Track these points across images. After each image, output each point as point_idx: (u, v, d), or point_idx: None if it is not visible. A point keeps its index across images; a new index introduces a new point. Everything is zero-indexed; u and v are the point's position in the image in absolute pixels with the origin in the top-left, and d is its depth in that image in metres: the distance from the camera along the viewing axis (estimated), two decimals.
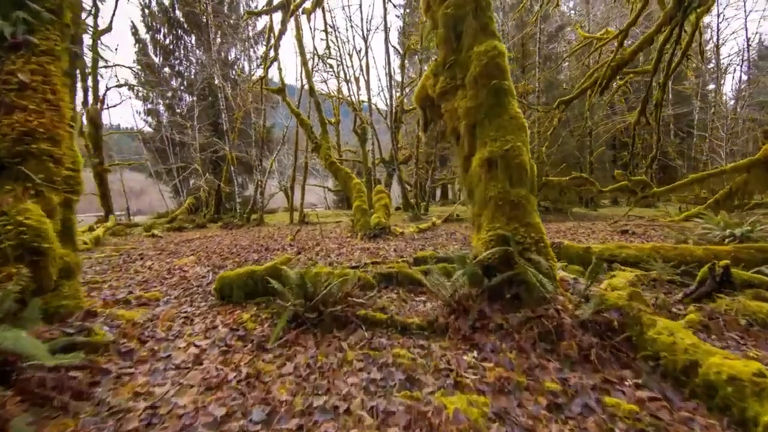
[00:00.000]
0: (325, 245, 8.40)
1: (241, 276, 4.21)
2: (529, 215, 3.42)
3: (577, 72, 20.93)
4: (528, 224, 3.39)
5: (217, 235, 13.53)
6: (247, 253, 7.85)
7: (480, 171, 3.57)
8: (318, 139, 11.19)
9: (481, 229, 3.61)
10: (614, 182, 22.03)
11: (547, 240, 3.47)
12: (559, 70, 19.76)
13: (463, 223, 15.19)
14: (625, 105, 22.35)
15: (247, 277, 4.20)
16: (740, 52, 24.50)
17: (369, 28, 18.18)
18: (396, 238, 9.19)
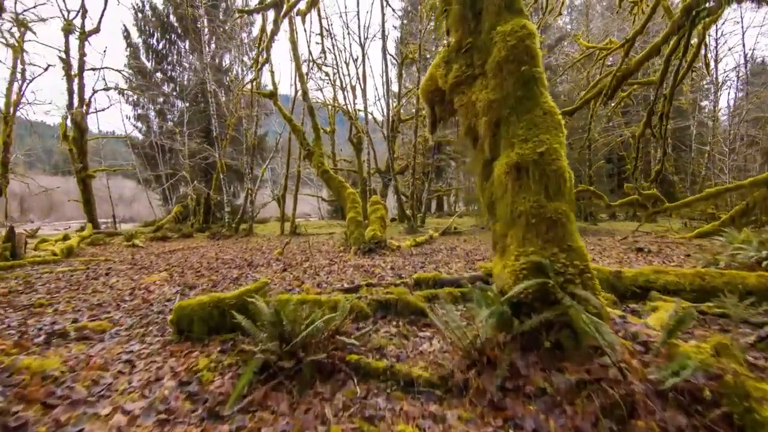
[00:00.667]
0: (314, 261, 7.56)
1: (205, 306, 3.36)
2: (570, 237, 2.63)
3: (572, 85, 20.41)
4: (569, 248, 2.59)
5: (201, 246, 12.64)
6: (227, 269, 6.98)
7: (506, 179, 2.78)
8: (310, 146, 10.41)
9: (506, 253, 2.81)
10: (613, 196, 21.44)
11: (593, 269, 2.67)
12: (558, 82, 19.23)
13: (461, 237, 14.43)
14: (622, 119, 21.88)
15: (211, 307, 3.36)
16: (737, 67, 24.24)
17: (366, 36, 17.51)
18: (392, 253, 8.37)
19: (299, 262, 7.47)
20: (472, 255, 8.17)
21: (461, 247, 9.77)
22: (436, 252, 8.70)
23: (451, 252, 8.77)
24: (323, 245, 12.04)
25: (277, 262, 7.51)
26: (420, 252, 8.74)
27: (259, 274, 6.33)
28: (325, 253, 8.79)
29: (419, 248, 9.92)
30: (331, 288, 5.02)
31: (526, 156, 2.71)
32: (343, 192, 9.84)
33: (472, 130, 3.13)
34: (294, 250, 10.62)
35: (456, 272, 6.18)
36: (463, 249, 9.36)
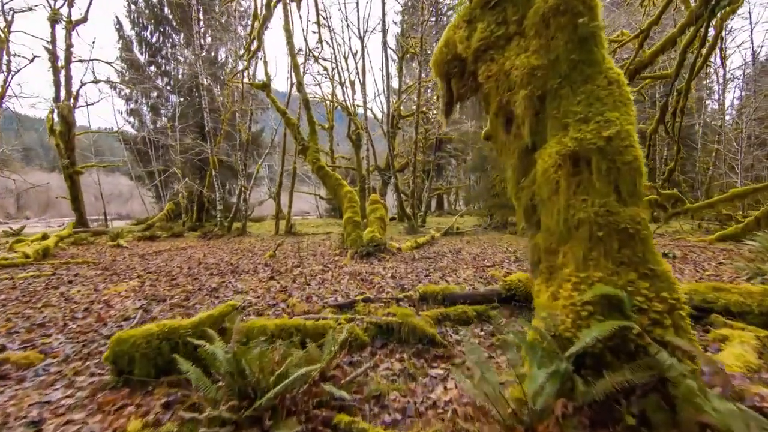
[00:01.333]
0: (306, 267, 6.75)
1: (152, 338, 2.54)
2: (652, 256, 1.83)
3: None
4: (652, 274, 1.79)
5: (190, 247, 11.83)
6: (208, 276, 6.17)
7: (556, 175, 1.97)
8: (305, 141, 9.60)
9: (555, 277, 2.00)
10: None
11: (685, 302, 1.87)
12: None
13: (464, 237, 13.63)
14: None
15: (161, 340, 2.55)
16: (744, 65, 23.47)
17: (366, 28, 16.64)
18: (393, 258, 7.57)
19: (290, 267, 6.65)
20: (480, 260, 7.38)
21: (467, 250, 8.97)
22: (440, 256, 7.90)
23: (456, 256, 7.97)
24: (319, 246, 11.24)
25: (266, 268, 6.70)
26: (423, 256, 7.93)
27: (243, 283, 5.52)
28: (320, 257, 7.98)
29: (421, 251, 9.12)
30: (322, 303, 4.22)
31: (587, 142, 1.90)
32: (339, 190, 9.03)
33: (504, 108, 2.32)
34: (287, 251, 9.81)
35: (465, 281, 5.39)
36: (468, 252, 8.56)
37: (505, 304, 3.98)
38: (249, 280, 5.65)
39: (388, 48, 15.45)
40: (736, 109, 25.05)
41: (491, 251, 8.82)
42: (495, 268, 6.37)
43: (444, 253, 8.33)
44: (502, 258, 7.48)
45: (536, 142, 2.15)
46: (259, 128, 22.64)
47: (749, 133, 21.17)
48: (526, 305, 3.93)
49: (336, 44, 20.76)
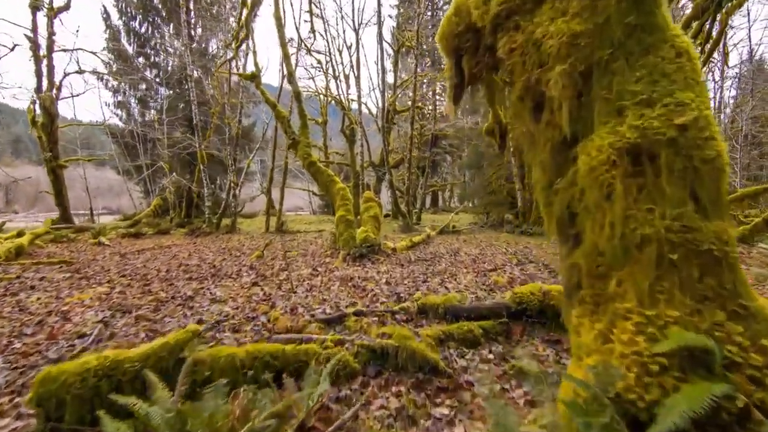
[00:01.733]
0: (294, 270, 6.23)
1: (88, 375, 2.02)
2: (744, 288, 1.34)
3: None
4: (745, 312, 1.31)
5: (175, 245, 11.25)
6: (186, 280, 5.63)
7: (609, 176, 1.47)
8: (295, 135, 9.04)
9: (602, 311, 1.51)
10: None
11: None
12: None
13: (460, 236, 13.18)
14: None
15: (100, 377, 2.03)
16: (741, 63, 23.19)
17: (361, 20, 16.04)
18: (388, 259, 7.07)
19: (276, 271, 6.13)
20: (480, 262, 6.90)
21: (465, 251, 8.49)
22: (437, 257, 7.41)
23: (454, 257, 7.49)
24: (310, 245, 10.73)
25: (250, 271, 6.17)
26: (419, 257, 7.44)
27: (223, 289, 4.99)
28: (310, 258, 7.46)
29: (417, 251, 8.63)
30: (309, 316, 3.71)
31: (652, 131, 1.40)
32: (332, 187, 8.50)
33: (533, 90, 1.81)
34: (276, 251, 9.28)
35: (466, 288, 4.91)
36: (467, 253, 8.09)
37: (515, 319, 3.50)
38: (230, 286, 5.12)
39: (383, 41, 14.88)
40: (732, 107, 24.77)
41: (490, 252, 8.36)
42: (497, 272, 5.90)
43: (441, 254, 7.85)
44: (503, 261, 7.01)
45: (577, 133, 1.64)
46: (251, 122, 22.00)
47: (746, 132, 20.89)
48: (540, 322, 3.46)
49: (330, 36, 20.14)
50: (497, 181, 17.45)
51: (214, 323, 3.58)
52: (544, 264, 6.61)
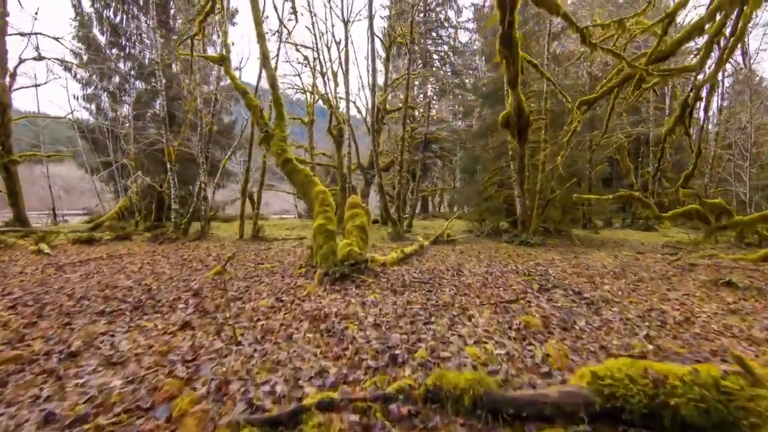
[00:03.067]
0: (253, 296, 4.59)
1: None
2: None
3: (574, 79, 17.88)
4: None
5: (130, 255, 9.50)
6: (94, 315, 3.94)
7: None
8: (269, 127, 7.44)
9: None
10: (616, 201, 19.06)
11: None
12: (565, 74, 16.72)
13: (456, 246, 11.67)
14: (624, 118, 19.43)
15: None
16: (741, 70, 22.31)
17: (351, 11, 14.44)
18: (376, 281, 5.47)
19: (226, 301, 4.48)
20: (492, 286, 5.37)
21: (468, 268, 6.95)
22: (437, 279, 5.84)
23: (458, 278, 5.94)
24: (287, 256, 9.09)
25: (192, 301, 4.51)
26: (416, 278, 5.86)
27: (137, 334, 3.35)
28: (278, 278, 5.81)
29: (412, 268, 7.07)
30: (241, 408, 2.11)
31: None
32: (310, 189, 6.89)
33: None
34: (246, 262, 7.63)
35: (487, 335, 3.36)
36: (471, 272, 6.55)
37: (603, 423, 1.95)
38: (148, 330, 3.47)
39: (374, 35, 13.36)
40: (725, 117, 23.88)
41: (498, 270, 6.83)
42: (521, 305, 4.36)
43: (442, 275, 6.28)
44: (520, 285, 5.48)
45: None
46: (232, 119, 20.25)
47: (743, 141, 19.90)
48: (646, 427, 1.91)
49: (318, 31, 18.56)
50: (493, 186, 16.04)
51: (74, 421, 1.96)
52: (574, 290, 5.10)
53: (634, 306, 4.47)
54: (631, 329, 3.63)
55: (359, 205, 6.67)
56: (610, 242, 13.96)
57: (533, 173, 14.00)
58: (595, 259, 8.33)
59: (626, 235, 16.45)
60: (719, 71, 9.59)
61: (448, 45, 29.71)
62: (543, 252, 11.05)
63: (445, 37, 29.71)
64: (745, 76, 21.55)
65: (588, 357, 2.99)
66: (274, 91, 7.66)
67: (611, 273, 6.55)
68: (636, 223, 20.60)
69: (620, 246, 13.15)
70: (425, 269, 6.87)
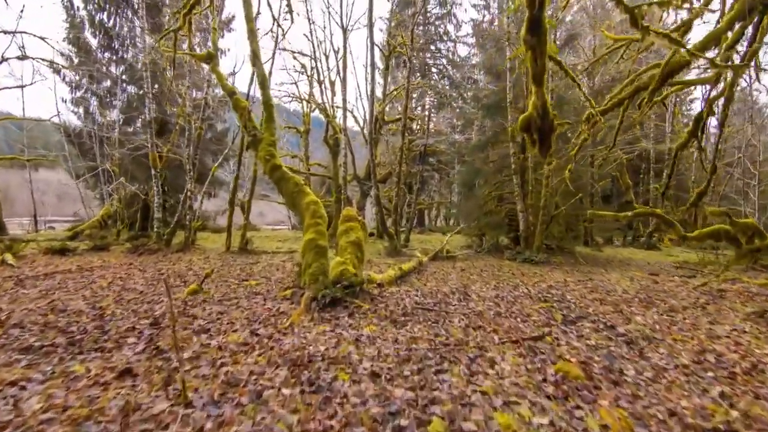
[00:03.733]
0: (224, 326, 3.76)
1: None
2: None
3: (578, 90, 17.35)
4: None
5: (103, 267, 8.64)
6: (15, 353, 3.10)
7: None
8: (257, 131, 6.68)
9: None
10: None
11: None
12: (568, 86, 16.21)
13: (456, 263, 10.89)
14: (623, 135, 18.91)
15: None
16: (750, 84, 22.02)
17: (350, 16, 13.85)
18: (373, 306, 4.65)
19: (190, 333, 3.64)
20: (508, 316, 4.57)
21: (476, 291, 6.16)
22: (443, 305, 5.04)
23: (466, 304, 5.14)
24: (275, 272, 8.27)
25: (145, 333, 3.66)
26: (418, 304, 5.05)
27: (50, 388, 2.51)
28: (259, 302, 4.97)
29: (410, 287, 6.28)
30: None
31: None
32: (300, 199, 6.10)
33: None
34: (228, 278, 6.80)
35: (518, 390, 2.56)
36: (480, 296, 5.75)
37: None
38: (78, 375, 2.63)
39: (374, 43, 12.76)
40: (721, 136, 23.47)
41: (508, 293, 6.04)
42: (548, 342, 3.57)
43: (447, 299, 5.48)
44: (539, 314, 4.69)
45: None
46: (226, 127, 19.51)
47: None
48: None
49: (316, 39, 18.01)
50: (493, 201, 15.34)
51: None
52: (605, 323, 4.31)
53: (682, 345, 3.70)
54: (696, 383, 2.85)
55: (355, 219, 5.88)
56: (615, 261, 13.25)
57: (536, 188, 13.33)
58: (611, 282, 7.56)
59: (630, 254, 15.76)
60: (736, 83, 9.01)
61: (447, 58, 29.40)
62: (549, 271, 10.29)
63: (444, 50, 29.40)
64: (742, 90, 21.26)
65: (660, 430, 2.20)
66: (264, 90, 6.92)
67: (636, 300, 5.78)
68: (637, 241, 19.95)
69: (627, 265, 12.43)
70: (427, 291, 6.06)
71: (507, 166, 14.70)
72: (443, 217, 33.36)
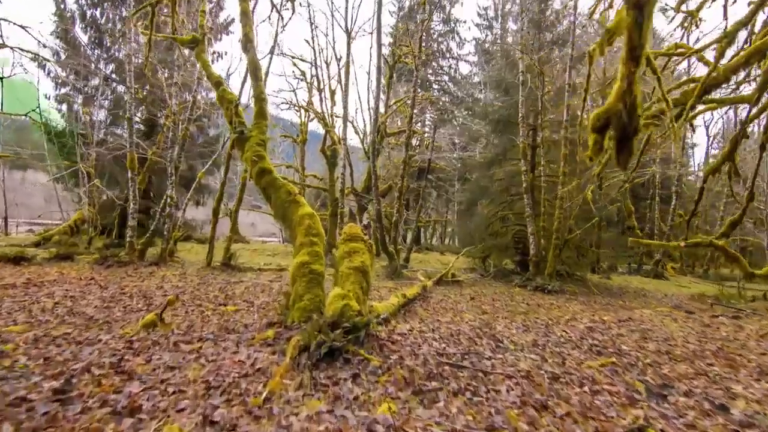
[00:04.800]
0: (164, 407, 2.44)
1: None
2: None
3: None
4: None
5: (54, 282, 7.23)
6: None
7: None
8: (245, 127, 5.46)
9: None
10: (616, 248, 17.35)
11: None
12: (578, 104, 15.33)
13: (464, 290, 9.65)
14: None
15: None
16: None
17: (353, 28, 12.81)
18: (384, 362, 3.35)
19: (110, 413, 2.31)
20: (570, 380, 3.31)
21: (503, 332, 4.89)
22: (478, 359, 3.75)
23: (502, 356, 3.87)
24: (259, 294, 6.95)
25: (50, 407, 2.33)
26: (442, 358, 3.76)
27: None
28: (229, 350, 3.62)
29: (422, 324, 5.02)
30: None
31: None
32: (292, 211, 4.82)
33: None
34: (203, 300, 5.46)
35: None
36: (513, 340, 4.48)
37: None
38: None
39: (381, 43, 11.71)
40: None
41: (547, 339, 4.77)
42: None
43: (475, 346, 4.19)
44: (609, 380, 3.42)
45: None
46: (219, 132, 18.25)
47: None
48: None
49: (318, 45, 16.99)
50: (498, 222, 14.17)
51: None
52: (707, 398, 3.06)
53: None
54: None
55: (360, 238, 4.60)
56: (630, 291, 12.08)
57: (549, 209, 12.20)
58: (653, 322, 6.33)
59: (640, 283, 14.63)
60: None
61: (449, 75, 28.70)
62: (566, 302, 9.08)
63: (446, 67, 28.73)
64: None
65: None
66: (256, 82, 5.72)
67: (708, 353, 4.54)
68: (641, 269, 18.88)
69: (644, 297, 11.26)
70: (446, 332, 4.77)
71: (515, 185, 13.60)
72: (439, 235, 32.18)
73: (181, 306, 6.08)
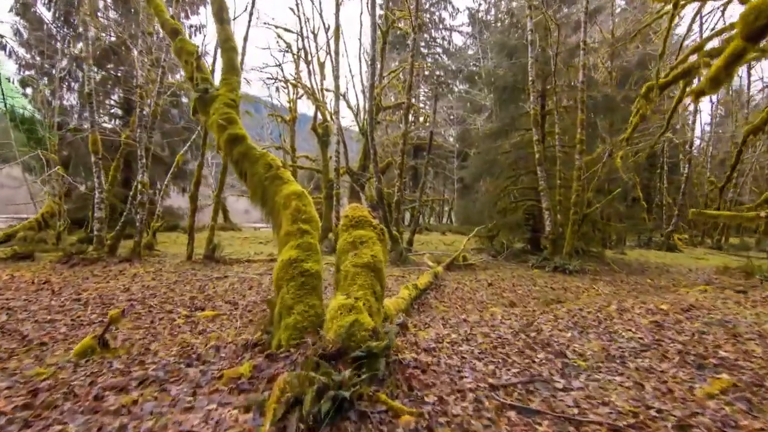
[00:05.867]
0: None
1: None
2: None
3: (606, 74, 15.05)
4: None
5: (8, 285, 5.94)
6: None
7: None
8: (210, 85, 4.11)
9: None
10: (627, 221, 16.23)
11: None
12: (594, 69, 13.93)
13: (479, 275, 8.52)
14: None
15: None
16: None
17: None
18: (416, 415, 2.16)
19: None
20: (692, 420, 2.12)
21: (558, 339, 3.70)
22: (545, 388, 2.56)
23: (574, 377, 2.68)
24: (246, 292, 5.76)
25: None
26: (494, 387, 2.56)
27: None
28: (185, 395, 2.40)
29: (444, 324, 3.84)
30: None
31: None
32: (274, 191, 3.53)
33: None
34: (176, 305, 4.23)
35: None
36: (574, 349, 3.30)
37: None
38: None
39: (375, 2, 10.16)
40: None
41: (617, 347, 3.58)
42: None
43: (533, 364, 2.99)
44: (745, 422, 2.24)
45: None
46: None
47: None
48: None
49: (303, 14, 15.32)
50: (507, 197, 12.95)
51: None
52: None
53: None
54: None
55: (368, 223, 3.30)
56: (651, 268, 10.98)
57: (565, 182, 10.97)
58: (718, 309, 5.17)
59: (657, 257, 13.58)
60: None
61: (442, 47, 26.96)
62: (591, 283, 7.97)
63: (439, 39, 26.96)
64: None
65: None
66: (221, 25, 4.32)
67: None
68: (651, 242, 17.86)
69: (667, 272, 10.18)
70: (483, 341, 3.57)
71: (524, 158, 12.32)
72: (437, 215, 30.99)
73: (147, 313, 4.83)
